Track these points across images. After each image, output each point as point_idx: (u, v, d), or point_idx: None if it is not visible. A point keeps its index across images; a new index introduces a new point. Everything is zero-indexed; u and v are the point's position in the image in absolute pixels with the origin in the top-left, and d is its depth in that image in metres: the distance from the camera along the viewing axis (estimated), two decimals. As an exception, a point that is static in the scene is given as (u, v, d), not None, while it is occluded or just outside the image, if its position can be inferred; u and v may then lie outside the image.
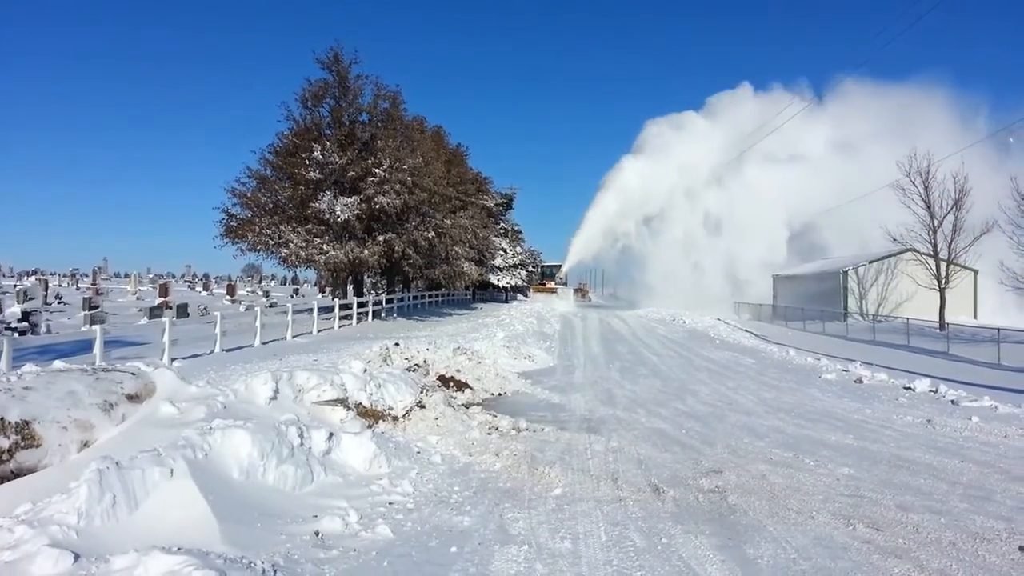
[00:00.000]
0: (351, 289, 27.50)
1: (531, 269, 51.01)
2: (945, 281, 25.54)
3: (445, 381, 10.90)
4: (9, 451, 4.64)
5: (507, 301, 45.11)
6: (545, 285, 50.73)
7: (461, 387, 10.80)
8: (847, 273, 32.71)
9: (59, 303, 30.27)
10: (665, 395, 11.65)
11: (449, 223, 27.27)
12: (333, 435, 6.24)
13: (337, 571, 4.09)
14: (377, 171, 22.43)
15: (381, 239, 23.12)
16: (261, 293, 47.57)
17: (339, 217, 21.93)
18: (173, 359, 11.05)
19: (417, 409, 8.23)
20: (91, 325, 15.65)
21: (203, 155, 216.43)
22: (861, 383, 13.55)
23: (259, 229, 22.20)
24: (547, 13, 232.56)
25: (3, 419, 4.73)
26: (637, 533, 4.95)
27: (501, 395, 11.17)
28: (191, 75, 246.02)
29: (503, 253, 44.41)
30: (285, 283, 75.94)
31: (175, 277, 79.72)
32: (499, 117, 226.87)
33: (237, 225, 22.80)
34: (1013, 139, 34.67)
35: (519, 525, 5.05)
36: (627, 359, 17.25)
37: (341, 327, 20.42)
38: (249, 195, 23.38)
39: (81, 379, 5.74)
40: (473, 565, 4.30)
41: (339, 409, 7.22)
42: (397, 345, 13.74)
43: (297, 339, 16.75)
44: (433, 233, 25.28)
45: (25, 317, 15.90)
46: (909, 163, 25.86)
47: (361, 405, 7.65)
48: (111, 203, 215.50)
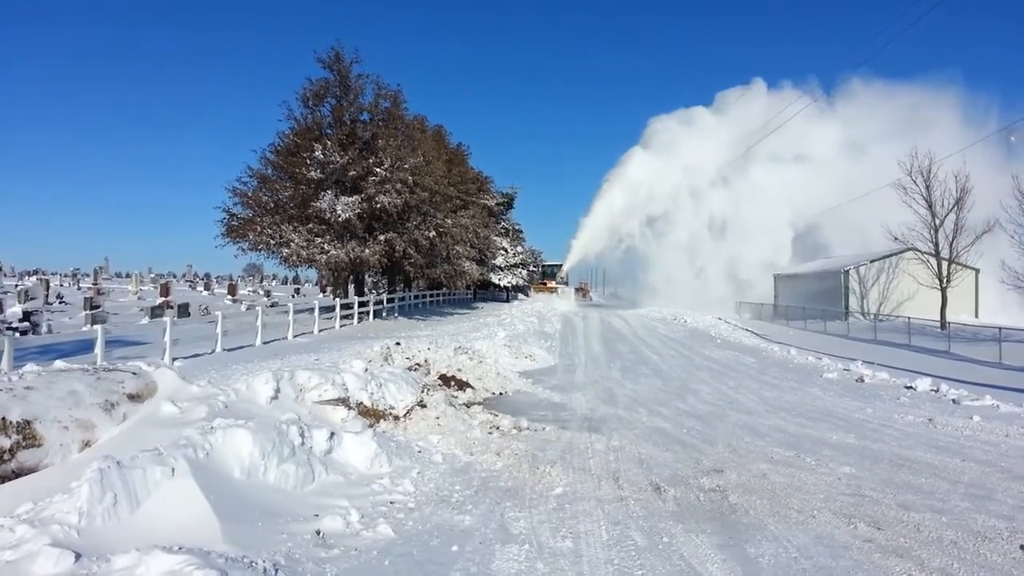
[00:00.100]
0: (352, 289, 27.51)
1: (532, 268, 51.01)
2: (946, 280, 25.51)
3: (446, 380, 10.90)
4: (10, 450, 4.65)
5: (508, 300, 45.14)
6: (546, 284, 50.64)
7: (462, 386, 10.80)
8: (848, 272, 32.67)
9: (60, 303, 30.29)
10: (666, 394, 11.65)
11: (450, 222, 27.28)
12: (334, 434, 6.24)
13: (338, 570, 4.09)
14: (378, 170, 22.46)
15: (382, 238, 23.14)
16: (262, 293, 47.61)
17: (340, 216, 21.95)
18: (174, 359, 11.07)
19: (418, 408, 8.23)
20: (92, 325, 15.68)
21: (204, 155, 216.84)
22: (862, 382, 13.54)
23: (260, 229, 22.24)
24: (548, 13, 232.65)
25: (4, 419, 4.74)
26: (638, 532, 4.95)
27: (502, 394, 11.17)
28: (191, 75, 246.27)
29: (504, 252, 44.44)
30: (286, 283, 75.96)
31: (176, 277, 79.77)
32: (500, 117, 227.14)
33: (238, 225, 22.85)
34: (1014, 138, 34.58)
35: (520, 524, 5.05)
36: (628, 358, 17.24)
37: (342, 327, 20.43)
38: (250, 194, 23.43)
39: (82, 379, 5.74)
40: (474, 564, 4.30)
41: (340, 408, 7.22)
42: (398, 344, 13.75)
43: (298, 339, 16.77)
44: (434, 232, 25.29)
45: (26, 317, 15.93)
46: (910, 162, 25.86)
47: (362, 404, 7.65)
48: (112, 203, 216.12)
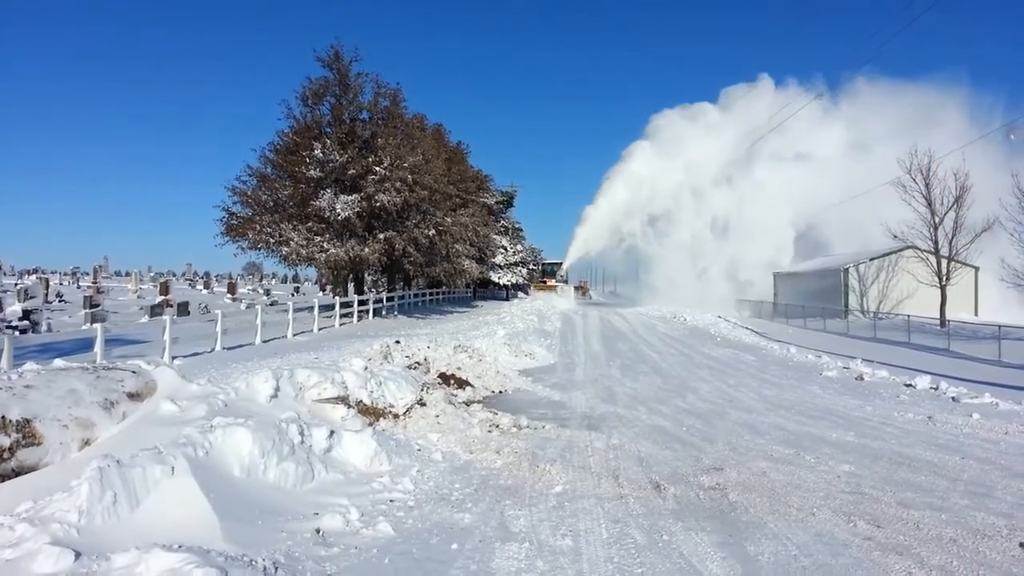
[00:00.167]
0: (352, 287, 27.51)
1: (532, 267, 51.00)
2: (946, 278, 25.51)
3: (446, 379, 10.90)
4: (10, 449, 4.65)
5: (508, 299, 45.13)
6: (546, 283, 50.65)
7: (462, 385, 10.80)
8: (848, 270, 32.66)
9: (60, 301, 30.31)
10: (666, 392, 11.65)
11: (450, 221, 27.27)
12: (334, 433, 6.24)
13: (338, 568, 4.09)
14: (378, 169, 22.44)
15: (382, 237, 23.13)
16: (262, 291, 47.58)
17: (339, 215, 21.94)
18: (174, 357, 11.06)
19: (418, 407, 8.23)
20: (92, 323, 15.68)
21: (203, 153, 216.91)
22: (862, 380, 13.55)
23: (260, 227, 22.23)
24: (548, 11, 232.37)
25: (4, 417, 4.73)
26: (638, 530, 4.95)
27: (502, 393, 11.17)
28: (191, 74, 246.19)
29: (504, 251, 44.41)
30: (286, 281, 75.93)
31: (176, 275, 79.93)
32: (499, 115, 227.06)
33: (238, 223, 22.84)
34: (1013, 136, 34.52)
35: (520, 522, 5.05)
36: (628, 356, 17.24)
37: (342, 325, 20.42)
38: (250, 193, 23.42)
39: (82, 377, 5.74)
40: (474, 562, 4.30)
41: (340, 407, 7.22)
42: (398, 343, 13.75)
43: (298, 337, 16.76)
44: (434, 231, 25.28)
45: (26, 315, 15.91)
46: (910, 160, 25.84)
47: (362, 403, 7.65)
48: (112, 202, 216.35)
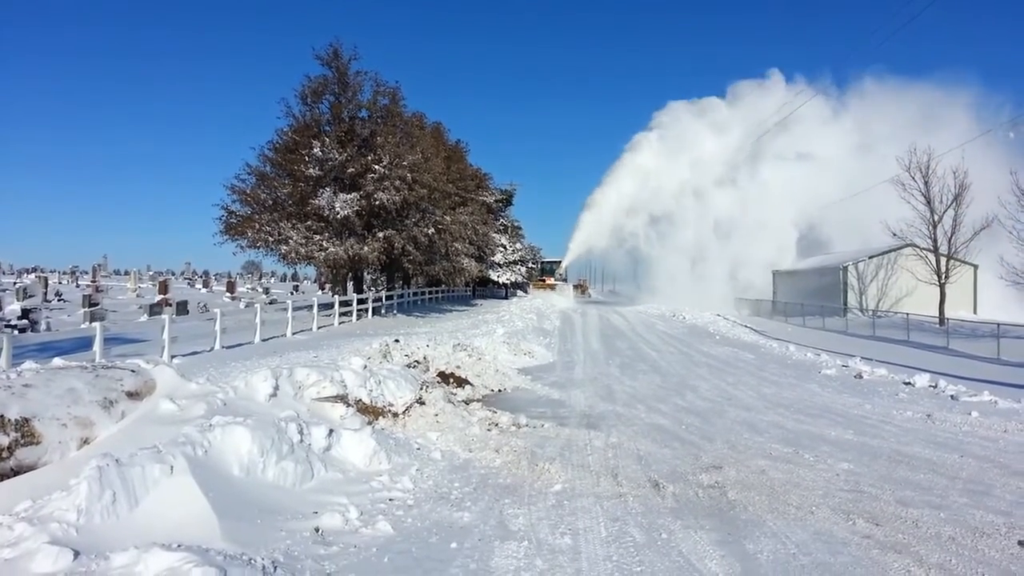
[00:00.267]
0: (351, 286, 27.50)
1: (531, 265, 50.97)
2: (945, 276, 25.52)
3: (445, 377, 10.90)
4: (9, 448, 4.64)
5: (507, 297, 45.13)
6: (545, 281, 50.65)
7: (461, 383, 10.80)
8: (847, 268, 32.66)
9: (59, 300, 30.28)
10: (665, 391, 11.66)
11: (449, 219, 27.25)
12: (333, 432, 6.24)
13: (337, 567, 4.09)
14: (377, 167, 22.42)
15: (381, 235, 23.11)
16: (261, 290, 47.56)
17: (339, 214, 21.92)
18: (173, 356, 11.04)
19: (417, 405, 8.23)
20: (91, 322, 15.67)
21: (203, 152, 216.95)
22: (861, 378, 13.57)
23: (259, 226, 22.20)
24: (547, 10, 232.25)
25: (3, 416, 4.73)
26: (637, 529, 4.95)
27: (501, 391, 11.18)
28: (190, 73, 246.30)
29: (503, 249, 44.38)
30: (285, 280, 75.93)
31: (175, 274, 79.92)
32: (498, 114, 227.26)
33: (237, 222, 22.82)
34: (1013, 134, 34.51)
35: (519, 521, 5.06)
36: (627, 355, 17.25)
37: (341, 324, 20.41)
38: (249, 192, 23.39)
39: (81, 376, 5.73)
40: (473, 561, 4.30)
41: (339, 406, 7.22)
42: (397, 342, 13.75)
43: (297, 336, 16.75)
44: (433, 229, 25.27)
45: (25, 314, 15.91)
46: (909, 158, 25.84)
47: (361, 401, 7.65)
48: (111, 201, 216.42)
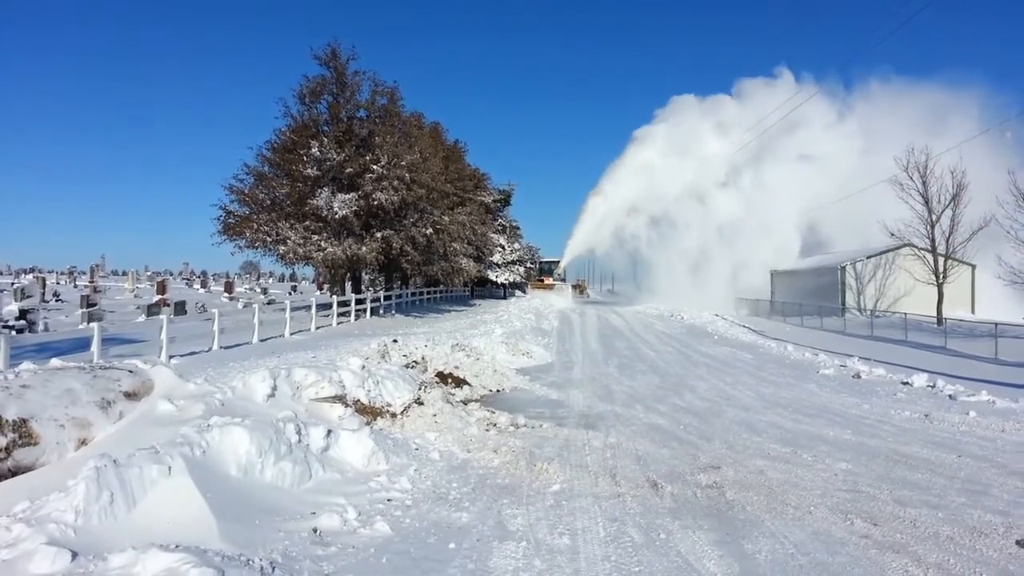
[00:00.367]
0: (349, 286, 27.48)
1: (529, 265, 50.96)
2: (943, 276, 25.55)
3: (443, 378, 10.90)
4: (6, 449, 4.63)
5: (505, 298, 45.12)
6: (543, 281, 50.63)
7: (459, 383, 10.80)
8: (845, 268, 32.68)
9: (57, 301, 30.22)
10: (663, 391, 11.66)
11: (447, 219, 27.24)
12: (331, 432, 6.24)
13: (335, 568, 4.09)
14: (375, 167, 22.40)
15: (379, 236, 23.09)
16: (259, 290, 47.49)
17: (337, 214, 21.89)
18: (171, 356, 11.02)
19: (415, 406, 8.23)
20: (89, 323, 15.63)
21: (201, 153, 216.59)
22: (859, 378, 13.58)
23: (257, 226, 22.16)
24: (546, 10, 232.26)
25: (1, 417, 4.72)
26: (635, 529, 4.96)
27: (499, 391, 11.18)
28: (189, 73, 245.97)
29: (501, 249, 44.37)
30: (283, 280, 75.83)
31: (173, 275, 79.76)
32: (497, 114, 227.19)
33: (235, 222, 22.77)
34: (1010, 134, 34.57)
35: (517, 521, 5.06)
36: (625, 355, 17.26)
37: (339, 324, 20.39)
38: (247, 192, 23.35)
39: (79, 377, 5.72)
40: (472, 561, 4.30)
41: (337, 406, 7.22)
42: (395, 342, 13.74)
43: (295, 336, 16.73)
44: (431, 229, 25.26)
45: (23, 315, 15.85)
46: (907, 158, 25.87)
47: (359, 402, 7.65)
48: (109, 201, 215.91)
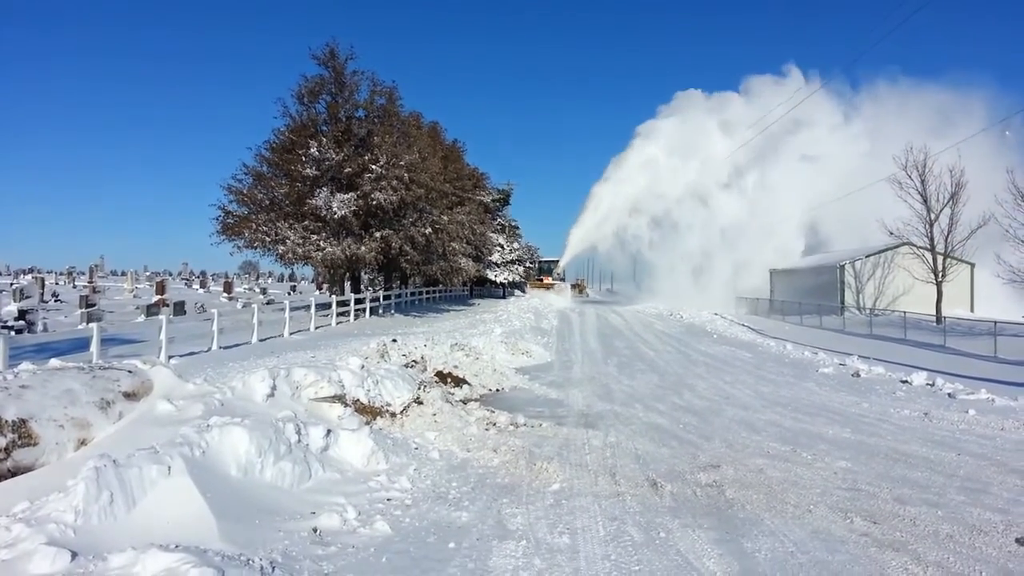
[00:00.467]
0: (348, 286, 27.48)
1: (528, 265, 50.95)
2: (942, 275, 25.56)
3: (443, 377, 10.90)
4: (6, 449, 4.63)
5: (504, 297, 45.12)
6: (542, 281, 50.65)
7: (459, 383, 10.80)
8: (844, 267, 32.69)
9: (56, 301, 30.18)
10: (662, 390, 11.67)
11: (446, 219, 27.22)
12: (331, 432, 6.24)
13: (335, 568, 4.09)
14: (374, 167, 22.38)
15: (378, 235, 23.08)
16: (258, 290, 47.45)
17: (336, 213, 21.88)
18: (170, 357, 11.01)
19: (415, 405, 8.23)
20: (88, 323, 15.60)
21: (200, 153, 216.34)
22: (858, 377, 13.59)
23: (256, 226, 22.15)
24: (546, 10, 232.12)
25: (0, 417, 4.71)
26: (635, 528, 4.96)
27: (499, 391, 11.18)
28: (188, 73, 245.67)
29: (500, 249, 44.35)
30: (282, 280, 75.76)
31: (172, 275, 79.64)
32: (496, 113, 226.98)
33: (234, 222, 22.76)
34: (1009, 133, 34.59)
35: (517, 520, 5.06)
36: (624, 354, 17.26)
37: (338, 324, 20.38)
38: (246, 192, 23.33)
39: (78, 377, 5.72)
40: (471, 560, 4.30)
41: (337, 406, 7.21)
42: (395, 341, 13.73)
43: (294, 336, 16.72)
44: (430, 229, 25.24)
45: (22, 315, 15.83)
46: (906, 157, 25.89)
47: (359, 401, 7.65)
48: (108, 201, 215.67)
